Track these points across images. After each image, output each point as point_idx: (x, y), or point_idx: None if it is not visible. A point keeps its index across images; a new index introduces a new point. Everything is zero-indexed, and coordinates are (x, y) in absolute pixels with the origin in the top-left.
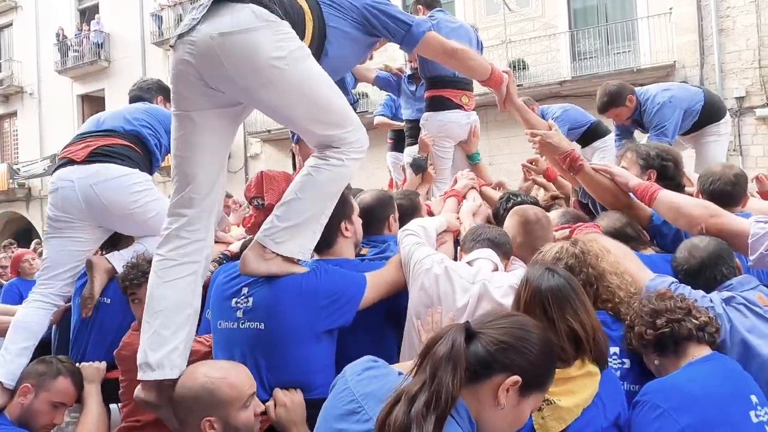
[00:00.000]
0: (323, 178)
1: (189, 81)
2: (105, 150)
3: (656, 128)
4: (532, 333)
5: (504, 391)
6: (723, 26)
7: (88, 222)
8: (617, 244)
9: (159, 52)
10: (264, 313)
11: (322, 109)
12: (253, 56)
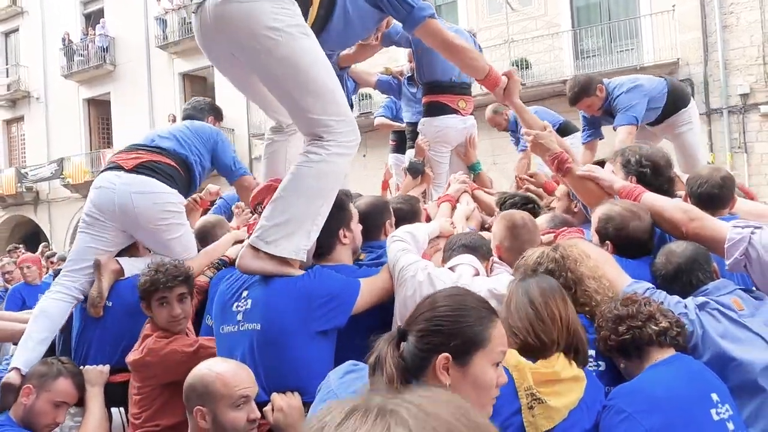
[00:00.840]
0: (304, 173)
1: (210, 42)
2: (152, 165)
3: (623, 109)
4: (440, 307)
5: (442, 372)
6: (727, 23)
7: (115, 225)
8: (598, 250)
9: (163, 55)
10: (260, 313)
11: (313, 86)
12: (251, 23)
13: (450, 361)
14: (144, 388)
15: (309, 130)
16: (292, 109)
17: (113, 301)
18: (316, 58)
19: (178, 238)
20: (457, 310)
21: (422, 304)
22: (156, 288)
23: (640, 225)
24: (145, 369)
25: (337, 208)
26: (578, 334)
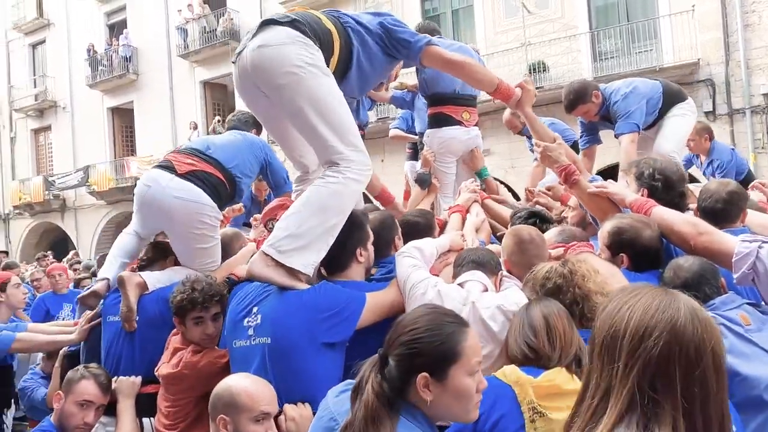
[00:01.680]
0: (321, 192)
1: (247, 87)
2: (203, 175)
3: (622, 116)
4: (414, 329)
5: (424, 390)
6: (748, 21)
7: (149, 219)
8: (606, 265)
9: (185, 64)
10: (270, 326)
11: (330, 118)
12: (280, 63)
13: (429, 379)
14: (180, 400)
15: (327, 158)
16: (312, 138)
17: (139, 316)
18: (334, 94)
19: (207, 249)
20: (428, 330)
21: (397, 328)
22: (193, 307)
23: (653, 234)
24: (181, 382)
25: (356, 227)
26: (581, 349)
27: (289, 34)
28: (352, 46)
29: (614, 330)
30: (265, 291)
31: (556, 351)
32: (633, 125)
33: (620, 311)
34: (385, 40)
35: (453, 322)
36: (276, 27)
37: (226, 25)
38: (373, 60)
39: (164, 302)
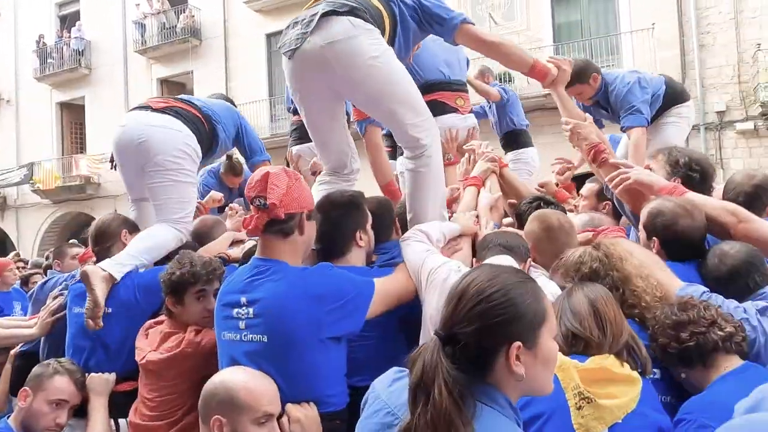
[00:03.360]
0: (426, 181)
1: (306, 83)
2: (180, 110)
3: (628, 109)
4: (490, 295)
5: (516, 364)
6: (704, 42)
7: (131, 163)
8: (645, 251)
9: (141, 60)
10: (266, 323)
11: (407, 95)
12: (356, 57)
13: (522, 348)
14: (178, 385)
15: (406, 134)
16: (391, 122)
17: (112, 307)
18: (404, 75)
19: (183, 184)
20: (509, 292)
21: (462, 299)
22: (196, 280)
23: (692, 224)
24: (181, 364)
25: (353, 208)
26: (633, 336)
27: (354, 24)
28: (396, 22)
29: None
30: (255, 277)
31: (607, 338)
32: (643, 119)
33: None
34: (419, 12)
35: (526, 278)
36: (338, 18)
37: (187, 22)
38: (408, 34)
39: (142, 289)
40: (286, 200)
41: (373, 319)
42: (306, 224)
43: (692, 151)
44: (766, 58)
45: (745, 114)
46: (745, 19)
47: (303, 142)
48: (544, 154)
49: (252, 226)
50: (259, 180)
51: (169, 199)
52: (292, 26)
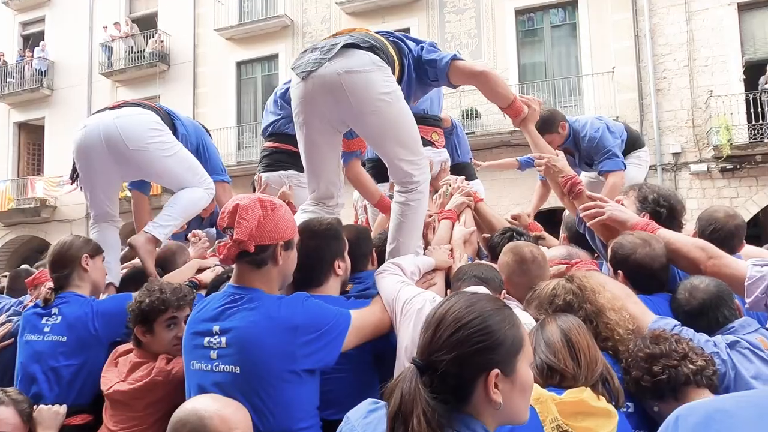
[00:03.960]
0: (410, 216)
1: (314, 106)
2: (138, 103)
3: (604, 153)
4: (468, 322)
5: (494, 392)
6: (660, 87)
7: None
8: (618, 284)
9: (106, 83)
10: (239, 353)
11: (409, 137)
12: (369, 90)
13: (499, 376)
14: (148, 417)
15: (402, 170)
16: (390, 156)
17: (67, 335)
18: (409, 116)
19: (176, 155)
20: (486, 319)
21: (439, 326)
22: (167, 307)
23: (649, 252)
24: (150, 393)
25: (333, 236)
26: (607, 368)
27: (372, 60)
28: (403, 73)
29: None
30: (228, 305)
31: (582, 369)
32: (621, 164)
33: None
34: (420, 64)
35: (502, 306)
36: (358, 51)
37: (156, 47)
38: (411, 86)
39: (101, 318)
40: (257, 233)
41: (348, 353)
42: (282, 255)
43: (661, 188)
44: (717, 104)
45: (698, 156)
46: (698, 67)
47: (272, 170)
48: (507, 189)
49: (223, 256)
50: (229, 211)
51: (175, 173)
52: (311, 51)
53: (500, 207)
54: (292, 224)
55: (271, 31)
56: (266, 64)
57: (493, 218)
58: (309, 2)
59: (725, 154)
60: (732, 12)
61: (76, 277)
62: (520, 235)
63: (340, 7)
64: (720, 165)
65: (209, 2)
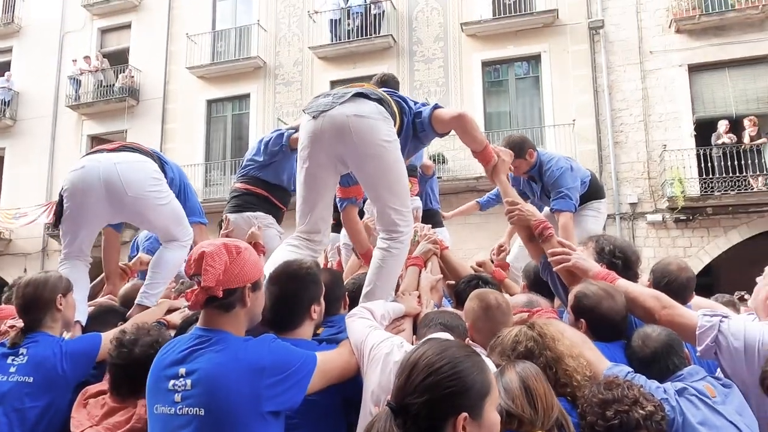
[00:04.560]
0: (390, 264)
1: (322, 142)
2: (132, 147)
3: (559, 192)
4: (438, 368)
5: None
6: (618, 140)
7: (99, 203)
8: (575, 331)
9: (72, 115)
10: (204, 395)
11: (399, 187)
12: (372, 134)
13: (467, 419)
14: None
15: (389, 218)
16: (381, 201)
17: (33, 376)
18: (403, 167)
19: (169, 204)
20: (457, 365)
21: (413, 371)
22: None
23: (614, 306)
24: None
25: (312, 281)
26: (563, 414)
27: (379, 110)
28: (402, 129)
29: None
30: (195, 347)
31: (539, 415)
32: (572, 205)
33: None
34: (414, 121)
35: (471, 352)
36: (367, 101)
37: (126, 82)
38: (406, 143)
39: (69, 359)
40: (225, 278)
41: (315, 399)
42: (250, 296)
43: (617, 240)
44: (671, 158)
45: (654, 207)
46: (652, 123)
47: (240, 211)
48: (473, 234)
49: (192, 302)
50: (195, 259)
51: (164, 222)
52: (324, 96)
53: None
54: (258, 265)
55: (243, 71)
56: (237, 103)
57: (458, 265)
58: (282, 45)
59: (679, 205)
60: (683, 73)
61: (49, 319)
62: (486, 283)
63: (313, 51)
64: (674, 216)
65: (182, 40)
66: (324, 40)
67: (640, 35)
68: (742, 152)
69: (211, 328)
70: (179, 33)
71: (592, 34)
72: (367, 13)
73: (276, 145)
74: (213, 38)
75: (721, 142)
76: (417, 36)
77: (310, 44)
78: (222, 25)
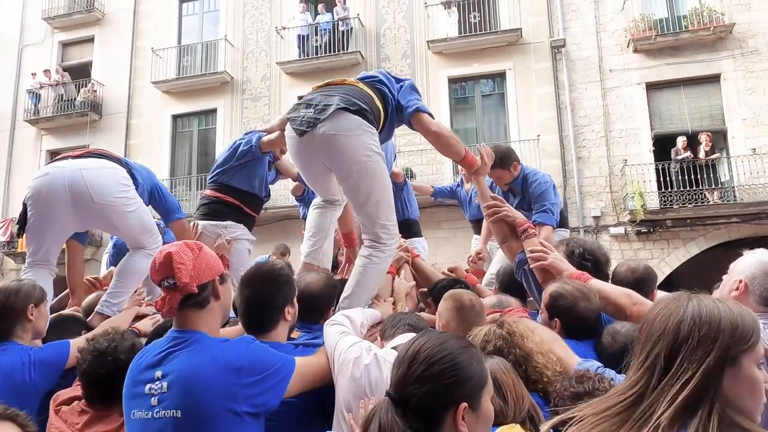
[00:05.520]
0: (371, 273)
1: (310, 158)
2: (98, 153)
3: (541, 205)
4: (439, 359)
5: (461, 424)
6: (581, 155)
7: (64, 210)
8: (545, 329)
9: (31, 130)
10: (180, 396)
11: (384, 201)
12: (354, 150)
13: (467, 409)
14: None
15: (373, 230)
16: (364, 213)
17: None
18: (387, 177)
19: (136, 211)
20: (456, 357)
21: (413, 362)
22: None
23: (589, 306)
24: None
25: (285, 282)
26: (534, 406)
27: (359, 124)
28: (387, 116)
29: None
30: (171, 349)
31: (509, 406)
32: (553, 220)
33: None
34: (398, 106)
35: (468, 344)
36: (349, 115)
37: (88, 96)
38: (393, 124)
39: (38, 366)
40: (196, 273)
41: (294, 400)
42: (220, 288)
43: (587, 243)
44: (631, 173)
45: (617, 220)
46: (613, 138)
47: (208, 219)
48: (442, 247)
49: (166, 308)
50: (162, 262)
51: (131, 230)
52: (305, 106)
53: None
54: (218, 259)
55: (210, 86)
56: (204, 118)
57: (430, 273)
58: (250, 60)
59: (639, 218)
60: (641, 90)
61: (19, 328)
62: (460, 284)
63: (281, 67)
64: (635, 228)
65: (147, 55)
66: (292, 56)
67: (600, 54)
68: (698, 167)
69: (186, 329)
70: (144, 47)
71: (555, 53)
72: (335, 30)
73: (247, 145)
74: (179, 53)
75: (681, 157)
76: (385, 53)
77: (278, 60)
78: (188, 39)
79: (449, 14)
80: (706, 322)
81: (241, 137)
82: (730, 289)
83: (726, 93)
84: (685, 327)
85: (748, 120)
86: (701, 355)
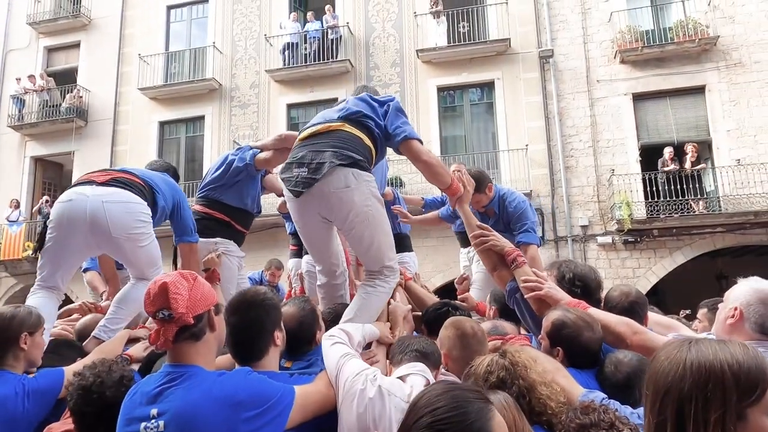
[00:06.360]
0: (374, 300)
1: (310, 216)
2: (124, 180)
3: (522, 226)
4: (438, 409)
5: None
6: (568, 164)
7: (82, 236)
8: (547, 358)
9: (15, 136)
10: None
11: (385, 241)
12: (354, 202)
13: None
14: None
15: (376, 269)
16: (367, 255)
17: None
18: (387, 220)
19: (147, 246)
20: (456, 409)
21: (415, 409)
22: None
23: (593, 336)
24: None
25: (272, 306)
26: None
27: (356, 177)
28: (377, 148)
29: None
30: (165, 385)
31: None
32: (537, 239)
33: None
34: (386, 133)
35: (478, 398)
36: (343, 170)
37: (73, 102)
38: (383, 152)
39: (32, 396)
40: (191, 304)
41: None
42: (215, 319)
43: (578, 267)
44: (619, 182)
45: (604, 229)
46: (601, 148)
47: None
48: (430, 256)
49: (161, 341)
50: (157, 293)
51: (140, 262)
52: (297, 165)
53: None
54: (212, 289)
55: (198, 93)
56: (191, 125)
57: (423, 295)
58: (238, 68)
59: (626, 227)
60: (628, 101)
61: (11, 356)
62: (456, 309)
63: (270, 74)
64: (623, 238)
65: (134, 61)
66: (281, 64)
67: (587, 65)
68: (684, 177)
69: (181, 363)
70: (131, 53)
71: (543, 63)
72: (324, 38)
73: (241, 162)
74: (166, 59)
75: (668, 168)
76: (374, 61)
77: (267, 67)
78: (176, 46)
79: (438, 24)
80: (707, 378)
81: (233, 152)
82: (726, 317)
83: (711, 104)
84: (686, 385)
85: (732, 131)
86: (705, 416)
